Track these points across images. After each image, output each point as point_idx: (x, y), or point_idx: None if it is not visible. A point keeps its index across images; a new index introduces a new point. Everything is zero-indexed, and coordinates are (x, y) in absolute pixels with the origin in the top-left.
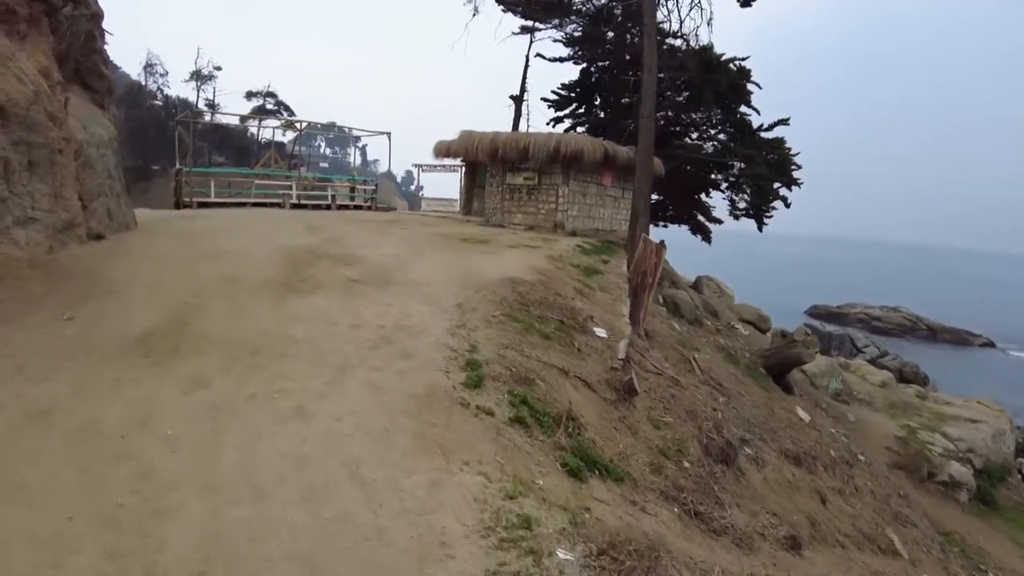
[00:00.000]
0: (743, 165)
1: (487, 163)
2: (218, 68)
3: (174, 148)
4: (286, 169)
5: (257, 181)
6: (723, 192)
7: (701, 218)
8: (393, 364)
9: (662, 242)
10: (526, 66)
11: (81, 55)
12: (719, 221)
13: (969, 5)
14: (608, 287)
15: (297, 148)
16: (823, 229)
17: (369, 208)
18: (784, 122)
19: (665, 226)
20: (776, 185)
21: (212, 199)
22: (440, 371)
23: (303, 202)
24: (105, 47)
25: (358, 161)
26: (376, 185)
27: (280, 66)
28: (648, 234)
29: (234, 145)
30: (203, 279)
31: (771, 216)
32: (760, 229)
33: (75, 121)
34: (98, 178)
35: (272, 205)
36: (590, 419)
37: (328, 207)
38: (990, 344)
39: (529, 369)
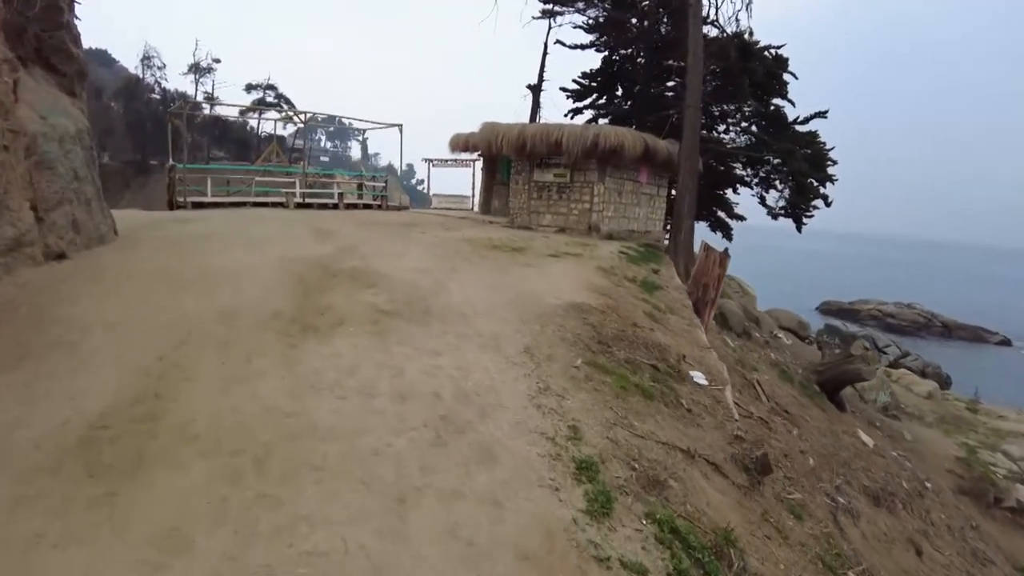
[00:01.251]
0: (777, 160)
1: (512, 158)
2: (217, 60)
3: (172, 141)
4: (288, 164)
5: (258, 178)
6: (752, 188)
7: (722, 214)
8: (473, 479)
9: (726, 250)
10: (544, 53)
11: (43, 29)
12: (742, 218)
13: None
14: (675, 307)
15: (297, 142)
16: (834, 225)
17: (379, 207)
18: (822, 115)
19: None
20: (814, 182)
21: (208, 199)
22: (546, 487)
23: (308, 201)
24: (75, 21)
25: (358, 155)
26: (386, 182)
27: (281, 59)
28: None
29: (234, 139)
30: (190, 316)
31: (812, 216)
32: (799, 229)
33: (28, 109)
34: (60, 181)
35: (274, 205)
36: (739, 530)
37: (335, 206)
38: (1007, 342)
39: (652, 460)
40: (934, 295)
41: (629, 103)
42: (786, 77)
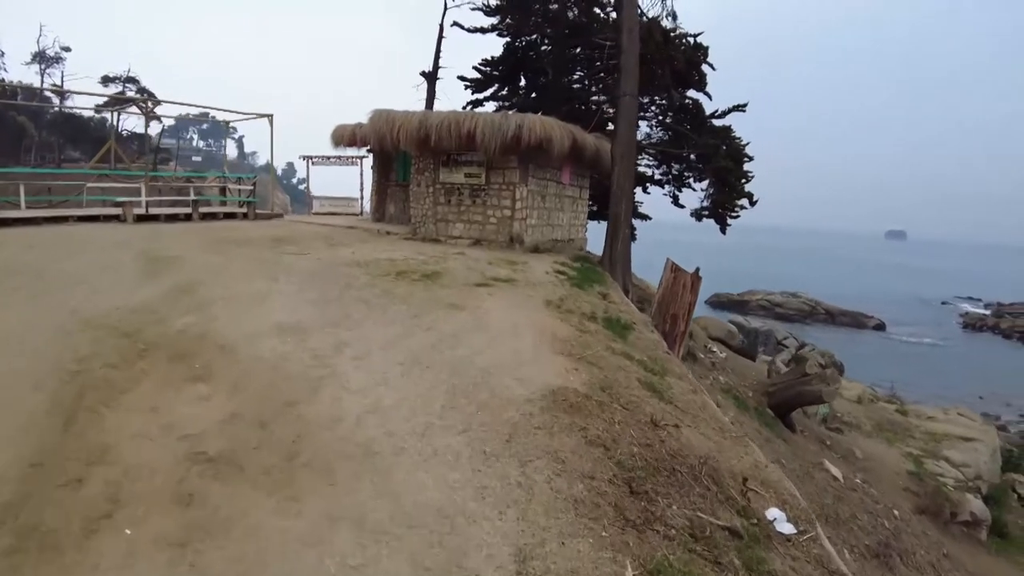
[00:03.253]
0: (693, 157)
1: (412, 154)
2: (66, 49)
3: (16, 140)
4: (149, 167)
5: (90, 184)
6: (663, 188)
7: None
8: None
9: (696, 271)
10: (440, 37)
11: None
12: (647, 217)
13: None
14: (664, 362)
15: (166, 141)
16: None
17: (245, 215)
18: (740, 108)
19: None
20: (743, 180)
21: (21, 214)
22: None
23: (153, 212)
24: None
25: (234, 154)
26: (255, 184)
27: (145, 49)
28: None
29: (91, 138)
30: None
31: (737, 216)
32: (723, 230)
33: None
34: None
35: (107, 219)
36: None
37: (188, 216)
38: (882, 326)
39: None
40: (817, 283)
41: (535, 94)
42: (704, 68)
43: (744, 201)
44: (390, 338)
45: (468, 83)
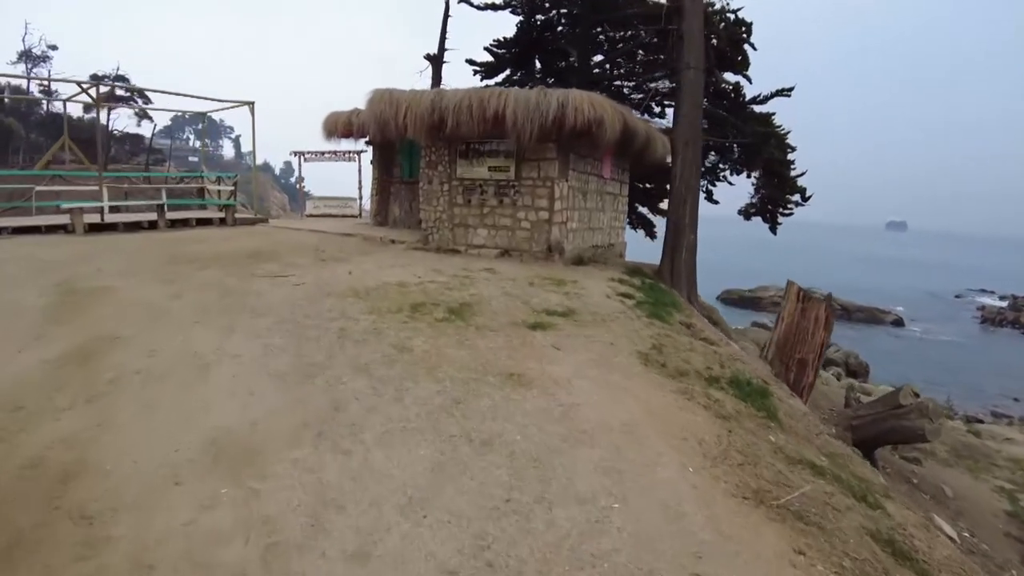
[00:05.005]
0: (736, 146)
1: (421, 143)
2: (53, 47)
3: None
4: (84, 165)
5: (39, 188)
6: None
7: (644, 210)
8: None
9: (829, 298)
10: (446, 15)
11: None
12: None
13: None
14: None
15: (151, 139)
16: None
17: (223, 221)
18: (785, 92)
19: None
20: (794, 173)
21: None
22: None
23: (112, 220)
24: None
25: (232, 153)
26: (236, 184)
27: (139, 48)
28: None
29: (82, 138)
30: None
31: (790, 213)
32: (774, 230)
33: None
34: None
35: (51, 229)
36: None
37: (154, 225)
38: (900, 322)
39: None
40: (822, 277)
41: (552, 80)
42: (745, 48)
43: (797, 197)
44: (418, 482)
45: (478, 67)
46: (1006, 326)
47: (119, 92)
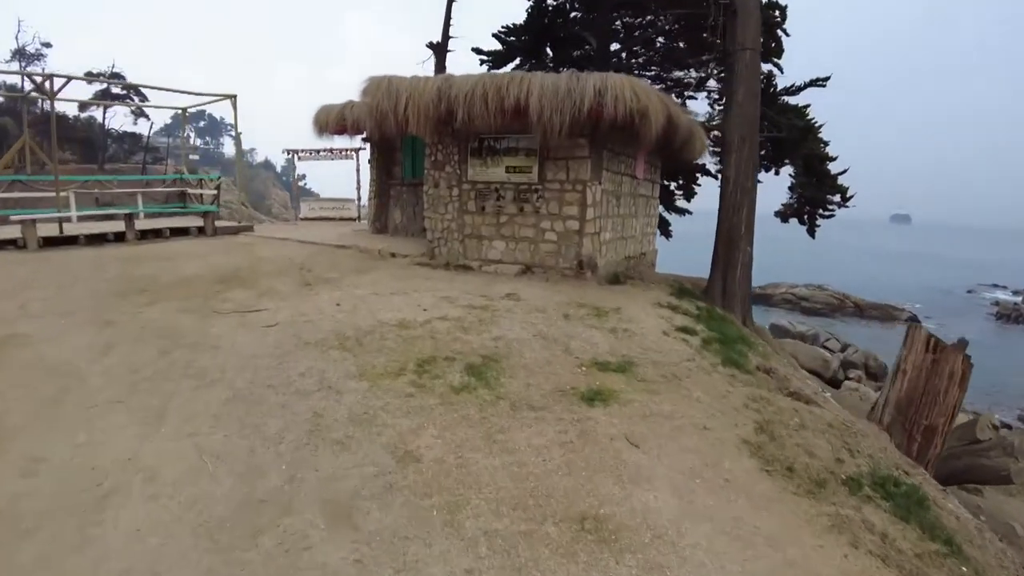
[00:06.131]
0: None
1: (426, 139)
2: (47, 44)
3: None
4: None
5: None
6: (716, 178)
7: (660, 208)
8: None
9: (964, 346)
10: (450, 1)
11: None
12: (685, 212)
13: None
14: None
15: (148, 138)
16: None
17: (202, 230)
18: (821, 82)
19: None
20: (835, 171)
21: None
22: None
23: (72, 232)
24: None
25: (232, 151)
26: (220, 184)
27: (141, 48)
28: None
29: (78, 138)
30: None
31: (832, 214)
32: (812, 233)
33: None
34: None
35: (4, 244)
36: None
37: (122, 236)
38: (915, 319)
39: None
40: (830, 272)
41: (568, 68)
42: (778, 33)
43: (837, 197)
44: None
45: (485, 56)
46: (1022, 322)
47: (90, 86)
